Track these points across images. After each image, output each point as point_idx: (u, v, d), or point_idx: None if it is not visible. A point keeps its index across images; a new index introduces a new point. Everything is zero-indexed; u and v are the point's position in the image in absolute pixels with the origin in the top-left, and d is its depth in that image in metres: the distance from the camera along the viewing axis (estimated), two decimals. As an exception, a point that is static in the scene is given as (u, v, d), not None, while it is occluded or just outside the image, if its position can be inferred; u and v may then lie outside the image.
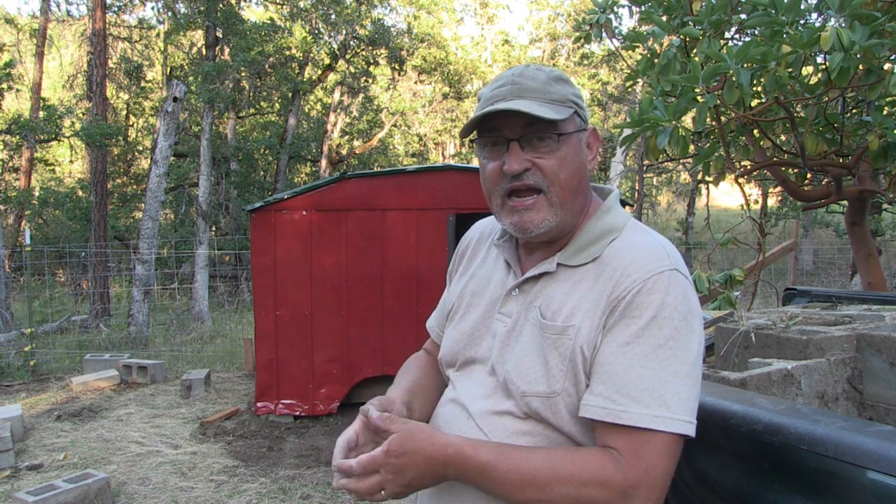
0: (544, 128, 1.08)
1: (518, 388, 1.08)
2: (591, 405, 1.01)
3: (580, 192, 1.14)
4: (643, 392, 0.98)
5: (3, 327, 9.43)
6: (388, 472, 1.00)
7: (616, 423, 0.98)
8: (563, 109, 1.10)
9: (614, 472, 0.96)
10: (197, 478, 4.65)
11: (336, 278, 5.95)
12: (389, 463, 1.00)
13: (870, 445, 0.95)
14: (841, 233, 13.00)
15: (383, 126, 19.32)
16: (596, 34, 3.04)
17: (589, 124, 1.18)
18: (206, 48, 13.25)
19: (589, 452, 1.00)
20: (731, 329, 2.10)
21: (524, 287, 1.16)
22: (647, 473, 0.96)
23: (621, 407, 0.98)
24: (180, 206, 15.60)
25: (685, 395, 0.99)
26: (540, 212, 1.10)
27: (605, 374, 1.01)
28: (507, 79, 1.12)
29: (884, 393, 1.80)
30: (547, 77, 1.12)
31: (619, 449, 0.98)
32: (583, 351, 1.04)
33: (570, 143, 1.12)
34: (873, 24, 2.04)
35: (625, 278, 1.04)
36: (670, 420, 0.97)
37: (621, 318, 1.02)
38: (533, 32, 23.38)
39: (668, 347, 0.99)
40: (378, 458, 1.00)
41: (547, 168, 1.09)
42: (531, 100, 1.08)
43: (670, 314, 1.00)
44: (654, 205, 25.37)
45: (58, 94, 18.04)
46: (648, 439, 0.97)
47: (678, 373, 0.99)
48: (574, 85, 1.16)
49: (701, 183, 5.16)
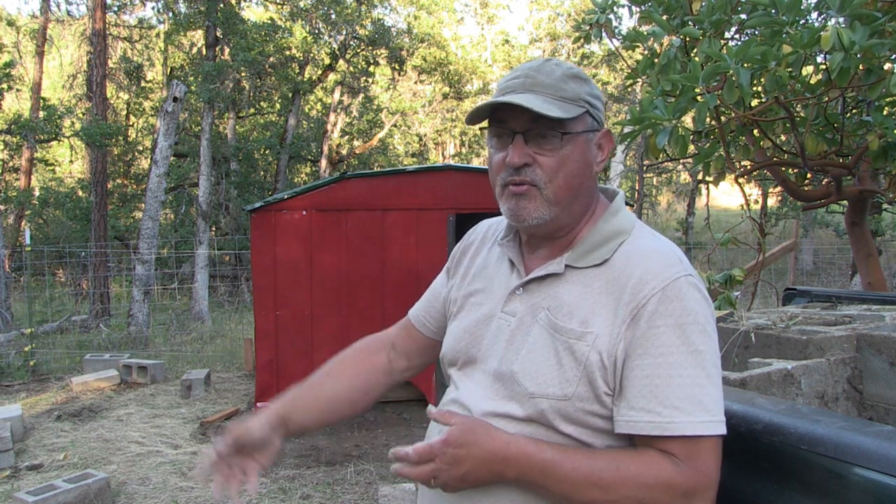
0: (549, 125, 1.08)
1: (526, 389, 1.07)
2: (636, 420, 1.01)
3: (582, 193, 1.14)
4: (685, 401, 0.99)
5: (3, 327, 9.43)
6: (443, 462, 1.01)
7: (665, 436, 1.00)
8: (573, 108, 1.09)
9: (676, 474, 0.98)
10: (197, 478, 4.65)
11: (336, 278, 5.95)
12: (446, 453, 1.01)
13: (870, 445, 0.95)
14: (841, 233, 13.00)
15: (383, 126, 19.32)
16: (596, 34, 3.04)
17: (604, 125, 1.16)
18: (206, 48, 13.25)
19: (649, 455, 1.01)
20: (731, 329, 2.11)
21: (529, 287, 1.15)
22: (704, 474, 0.99)
23: (668, 419, 0.99)
24: (180, 206, 15.60)
25: (717, 395, 1.02)
26: (533, 201, 1.10)
27: (644, 388, 1.01)
28: (523, 71, 1.12)
29: (884, 393, 1.80)
30: (563, 74, 1.11)
31: (675, 454, 1.00)
32: (602, 358, 1.04)
33: (577, 142, 1.11)
34: (874, 24, 2.04)
35: (642, 286, 1.04)
36: (713, 423, 0.99)
37: (648, 328, 1.02)
38: (533, 32, 23.39)
39: (698, 353, 1.01)
40: (435, 448, 1.01)
41: (546, 165, 1.09)
42: (542, 94, 1.08)
43: (694, 319, 1.02)
44: (654, 205, 25.37)
45: (58, 94, 18.03)
46: (698, 443, 0.99)
47: (711, 375, 1.01)
48: (591, 84, 1.14)
49: (701, 183, 5.15)
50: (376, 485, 4.49)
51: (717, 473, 1.01)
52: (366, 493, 4.41)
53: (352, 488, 4.49)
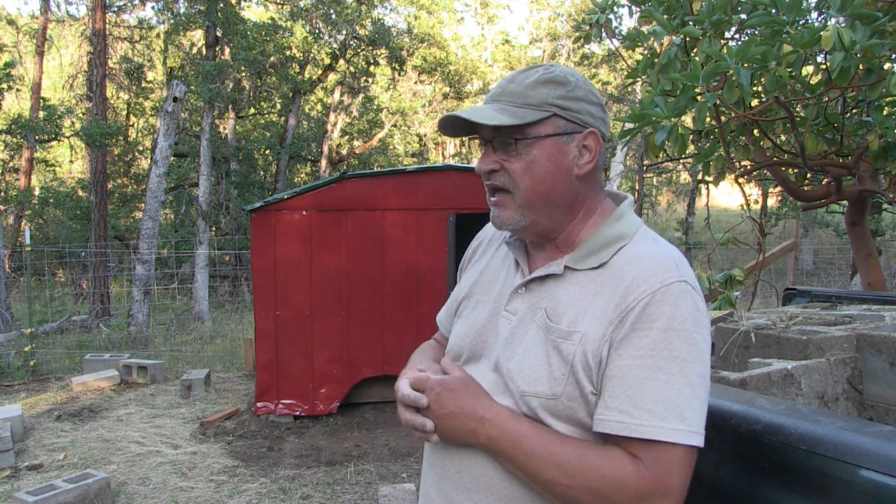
0: (508, 132, 1.11)
1: (518, 388, 1.09)
2: (607, 419, 1.01)
3: (558, 196, 1.13)
4: (659, 405, 0.98)
5: (3, 327, 9.43)
6: (430, 398, 1.11)
7: (633, 437, 0.99)
8: (532, 113, 1.10)
9: (634, 476, 0.98)
10: (197, 478, 4.65)
11: (336, 278, 5.95)
12: (435, 390, 1.11)
13: (870, 445, 0.95)
14: (841, 233, 13.00)
15: (383, 126, 19.32)
16: (596, 34, 3.04)
17: (591, 126, 1.15)
18: (206, 48, 13.25)
19: (614, 452, 1.01)
20: (731, 329, 2.11)
21: (531, 286, 1.17)
22: (663, 482, 0.98)
23: (637, 420, 0.98)
24: (180, 206, 15.61)
25: (699, 406, 1.00)
26: (506, 210, 1.15)
27: (619, 388, 1.01)
28: (501, 81, 1.17)
29: (884, 393, 1.80)
30: (536, 80, 1.12)
31: (639, 457, 1.00)
32: (586, 358, 1.04)
33: (543, 146, 1.11)
34: (874, 24, 2.04)
35: (633, 289, 1.04)
36: (686, 432, 0.98)
37: (632, 329, 1.02)
38: (533, 32, 23.40)
39: (680, 359, 1.00)
40: (429, 382, 1.12)
41: (511, 171, 1.12)
42: (503, 103, 1.12)
43: (681, 325, 1.01)
44: (654, 205, 25.38)
45: (58, 94, 18.02)
46: (666, 450, 0.98)
47: (693, 384, 1.00)
48: (572, 87, 1.13)
49: (701, 183, 5.15)
50: (376, 485, 4.49)
51: (682, 483, 0.99)
52: (366, 493, 4.41)
53: (352, 488, 4.49)
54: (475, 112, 1.11)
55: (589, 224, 1.17)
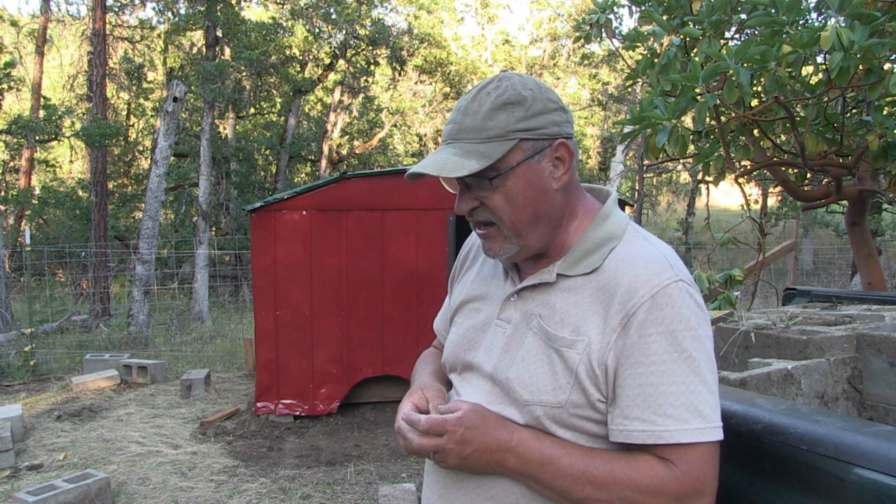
0: (480, 172, 1.07)
1: (521, 397, 1.08)
2: (630, 430, 1.02)
3: (544, 216, 1.12)
4: (679, 408, 0.99)
5: (3, 327, 9.43)
6: (451, 440, 1.03)
7: (660, 444, 1.00)
8: (499, 146, 1.06)
9: (669, 479, 0.99)
10: (197, 478, 4.65)
11: (336, 278, 5.95)
12: (457, 432, 1.03)
13: (870, 445, 0.95)
14: (841, 233, 12.99)
15: (383, 126, 19.31)
16: (596, 34, 3.04)
17: (562, 136, 1.11)
18: (206, 48, 13.25)
19: (644, 459, 1.01)
20: (731, 329, 2.11)
21: (523, 294, 1.16)
22: (699, 479, 0.99)
23: (662, 427, 0.99)
24: (180, 206, 15.61)
25: (713, 400, 1.02)
26: (496, 241, 1.13)
27: (637, 397, 1.01)
28: (455, 114, 1.11)
29: (884, 393, 1.80)
30: (490, 107, 1.07)
31: (670, 460, 1.00)
32: (592, 366, 1.04)
33: (517, 174, 1.08)
34: (873, 24, 2.04)
35: (632, 294, 1.03)
36: (709, 429, 1.00)
37: (639, 336, 1.02)
38: (533, 32, 23.37)
39: (691, 359, 1.01)
40: (448, 423, 1.04)
41: (492, 206, 1.10)
42: (465, 142, 1.07)
43: (686, 325, 1.01)
44: (654, 205, 25.38)
45: (58, 94, 18.00)
46: (694, 450, 0.99)
47: (706, 381, 1.01)
48: (524, 104, 1.07)
49: (701, 183, 5.15)
50: (376, 485, 4.49)
51: (714, 478, 1.01)
52: (366, 493, 4.41)
53: (352, 488, 4.49)
54: (441, 165, 1.06)
55: (575, 227, 1.16)
